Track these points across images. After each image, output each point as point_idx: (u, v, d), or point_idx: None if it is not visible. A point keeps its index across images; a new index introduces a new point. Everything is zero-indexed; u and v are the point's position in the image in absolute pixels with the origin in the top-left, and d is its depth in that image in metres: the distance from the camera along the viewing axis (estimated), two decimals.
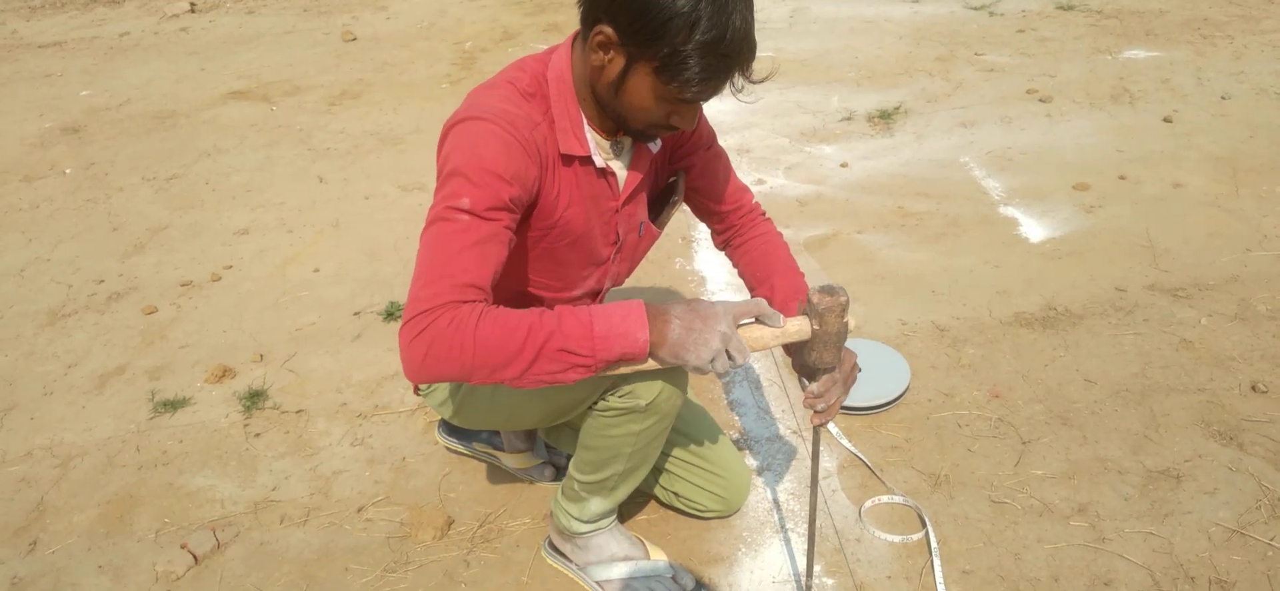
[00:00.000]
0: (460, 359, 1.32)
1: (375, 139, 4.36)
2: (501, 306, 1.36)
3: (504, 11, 6.49)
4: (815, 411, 1.53)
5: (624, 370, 1.41)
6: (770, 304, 1.77)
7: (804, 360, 1.51)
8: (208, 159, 4.23)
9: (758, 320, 1.43)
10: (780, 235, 1.89)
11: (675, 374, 1.58)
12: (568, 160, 1.56)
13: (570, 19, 6.05)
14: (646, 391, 1.56)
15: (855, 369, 1.60)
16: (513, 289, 1.69)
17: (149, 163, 4.22)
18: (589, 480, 1.74)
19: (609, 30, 1.40)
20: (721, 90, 1.45)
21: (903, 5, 5.92)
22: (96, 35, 6.63)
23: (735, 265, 1.91)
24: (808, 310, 1.43)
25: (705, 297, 2.84)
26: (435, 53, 5.67)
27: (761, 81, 1.48)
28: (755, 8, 1.43)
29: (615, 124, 1.56)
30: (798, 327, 1.44)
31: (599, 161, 1.59)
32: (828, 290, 1.41)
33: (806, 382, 1.55)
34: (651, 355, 1.38)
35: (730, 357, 1.38)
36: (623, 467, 1.70)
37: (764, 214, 1.91)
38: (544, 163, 1.51)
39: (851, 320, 1.44)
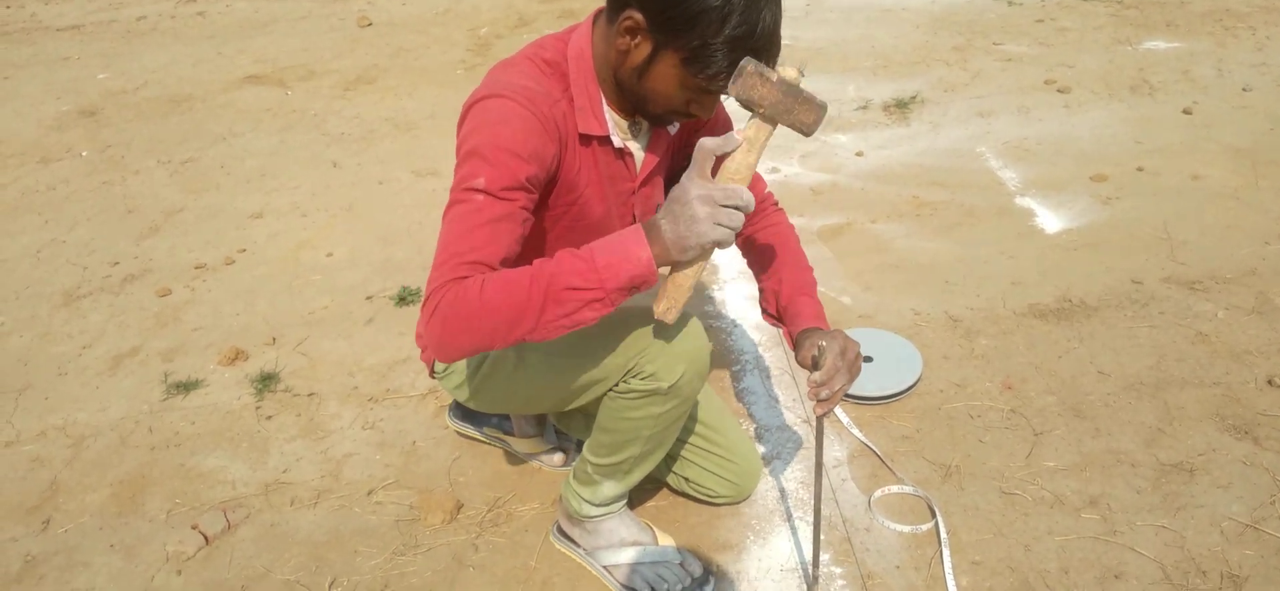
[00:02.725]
0: (474, 327, 1.33)
1: (390, 124, 4.36)
2: (503, 269, 1.36)
3: None
4: (819, 400, 1.53)
5: (672, 293, 1.37)
6: (778, 298, 1.76)
7: (794, 122, 1.38)
8: (223, 143, 4.25)
9: (719, 159, 1.35)
10: (792, 228, 1.88)
11: (697, 357, 1.57)
12: (586, 140, 1.56)
13: (587, 5, 6.04)
14: (669, 373, 1.56)
15: (859, 357, 1.59)
16: None
17: (165, 146, 4.24)
18: (604, 462, 1.73)
19: (638, 16, 1.40)
20: None
21: None
22: (114, 19, 6.66)
23: (745, 255, 1.90)
24: (741, 104, 1.36)
25: (717, 288, 2.85)
26: (450, 38, 5.67)
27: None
28: None
29: (633, 107, 1.56)
30: (754, 128, 1.36)
31: (617, 141, 1.59)
32: (735, 74, 1.34)
33: (810, 371, 1.55)
34: (663, 264, 1.36)
35: (730, 206, 1.33)
36: (639, 451, 1.70)
37: (777, 204, 1.90)
38: (563, 140, 1.51)
39: (789, 71, 1.35)
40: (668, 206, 1.35)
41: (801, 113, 1.36)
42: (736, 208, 1.33)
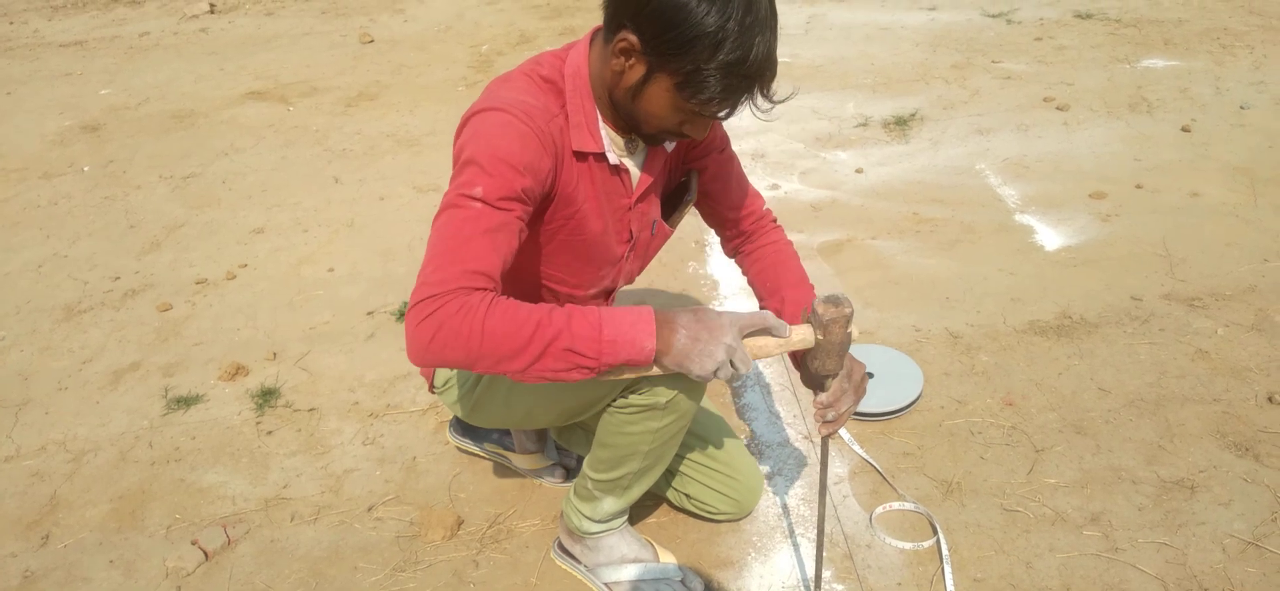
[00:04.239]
0: (466, 346, 1.32)
1: (391, 140, 4.37)
2: (510, 298, 1.37)
3: (521, 15, 6.51)
4: (824, 421, 1.53)
5: (628, 375, 1.41)
6: (779, 316, 1.76)
7: (807, 368, 1.51)
8: (225, 158, 4.26)
9: (761, 329, 1.43)
10: (791, 244, 1.88)
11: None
12: (582, 156, 1.57)
13: (587, 23, 6.06)
14: (666, 389, 1.56)
15: (865, 379, 1.59)
16: (528, 283, 1.70)
17: (166, 161, 4.25)
18: (603, 478, 1.73)
19: (633, 38, 1.40)
20: (740, 108, 1.45)
21: (919, 12, 5.91)
22: (117, 35, 6.69)
23: (745, 273, 1.90)
24: (812, 319, 1.44)
25: (717, 303, 2.85)
26: (452, 56, 5.69)
27: (782, 102, 1.49)
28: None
29: (628, 125, 1.57)
30: (801, 336, 1.44)
31: (613, 158, 1.59)
32: (832, 300, 1.42)
33: (815, 393, 1.55)
34: (656, 362, 1.39)
35: (733, 367, 1.38)
36: (638, 466, 1.70)
37: (775, 221, 1.90)
38: (559, 155, 1.52)
39: (855, 329, 1.45)
40: (695, 322, 1.38)
41: (834, 363, 1.48)
42: (738, 374, 1.40)
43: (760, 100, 1.45)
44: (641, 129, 1.54)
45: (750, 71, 1.38)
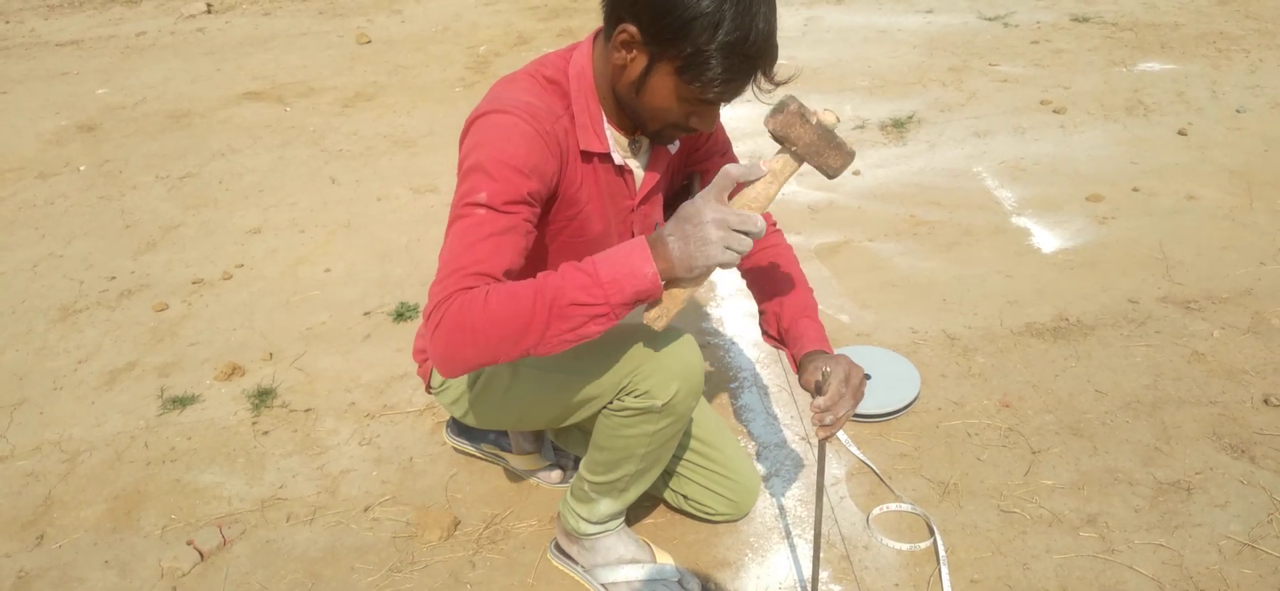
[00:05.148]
0: (478, 339, 1.32)
1: (388, 141, 4.37)
2: (507, 281, 1.36)
3: (519, 16, 6.51)
4: (822, 425, 1.52)
5: (655, 312, 1.37)
6: (779, 320, 1.76)
7: (823, 166, 1.41)
8: (221, 159, 4.25)
9: (740, 184, 1.37)
10: (790, 248, 1.88)
11: (690, 374, 1.57)
12: (587, 157, 1.56)
13: (585, 24, 6.07)
14: (663, 391, 1.56)
15: (863, 382, 1.59)
16: None
17: (163, 161, 4.24)
18: (600, 481, 1.73)
19: (632, 29, 1.40)
20: (743, 91, 1.45)
21: (916, 15, 5.91)
22: (113, 34, 6.68)
23: (744, 276, 1.90)
24: (775, 138, 1.38)
25: (716, 304, 2.85)
26: (449, 56, 5.68)
27: (784, 83, 1.48)
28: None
29: (634, 124, 1.57)
30: (781, 163, 1.39)
31: (618, 158, 1.59)
32: (776, 109, 1.36)
33: (814, 395, 1.55)
34: (666, 280, 1.35)
35: (741, 233, 1.33)
36: (635, 469, 1.70)
37: (775, 225, 1.90)
38: (564, 156, 1.52)
39: (828, 115, 1.38)
40: (678, 224, 1.34)
41: (831, 156, 1.39)
42: (748, 233, 1.33)
43: (763, 82, 1.44)
44: (647, 126, 1.54)
45: (751, 51, 1.38)
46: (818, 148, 1.38)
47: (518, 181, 1.41)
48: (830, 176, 1.42)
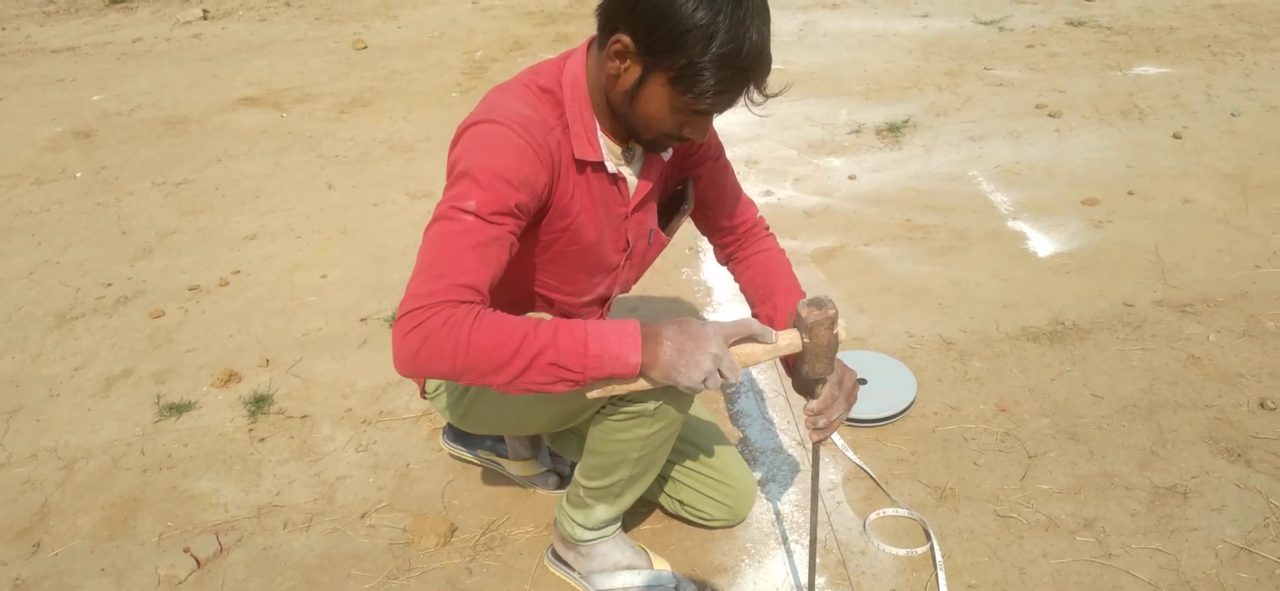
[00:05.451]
0: (452, 358, 1.33)
1: (384, 147, 4.37)
2: (498, 311, 1.37)
3: (515, 22, 6.52)
4: (815, 428, 1.53)
5: (616, 388, 1.41)
6: (773, 323, 1.77)
7: (798, 374, 1.52)
8: (218, 165, 4.25)
9: (747, 336, 1.43)
10: (783, 252, 1.88)
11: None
12: (581, 166, 1.57)
13: (581, 30, 6.07)
14: (654, 394, 1.56)
15: (856, 385, 1.59)
16: (522, 291, 1.70)
17: (159, 168, 4.24)
18: (595, 486, 1.73)
19: (626, 39, 1.40)
20: (736, 103, 1.46)
21: (912, 20, 5.92)
22: (109, 41, 6.67)
23: (737, 281, 1.90)
24: (797, 323, 1.44)
25: (711, 310, 2.85)
26: (445, 62, 5.69)
27: (776, 95, 1.49)
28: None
29: (627, 132, 1.57)
30: (789, 341, 1.44)
31: (611, 167, 1.59)
32: (816, 303, 1.42)
33: (807, 400, 1.55)
34: (642, 375, 1.39)
35: (722, 376, 1.39)
36: (629, 473, 1.70)
37: (768, 229, 1.91)
38: (557, 167, 1.52)
39: (841, 331, 1.45)
40: (680, 335, 1.37)
41: (824, 366, 1.47)
42: (727, 381, 1.39)
43: (755, 94, 1.45)
44: (641, 135, 1.54)
45: (744, 63, 1.39)
46: (822, 354, 1.45)
47: (507, 193, 1.41)
48: (807, 381, 1.52)
